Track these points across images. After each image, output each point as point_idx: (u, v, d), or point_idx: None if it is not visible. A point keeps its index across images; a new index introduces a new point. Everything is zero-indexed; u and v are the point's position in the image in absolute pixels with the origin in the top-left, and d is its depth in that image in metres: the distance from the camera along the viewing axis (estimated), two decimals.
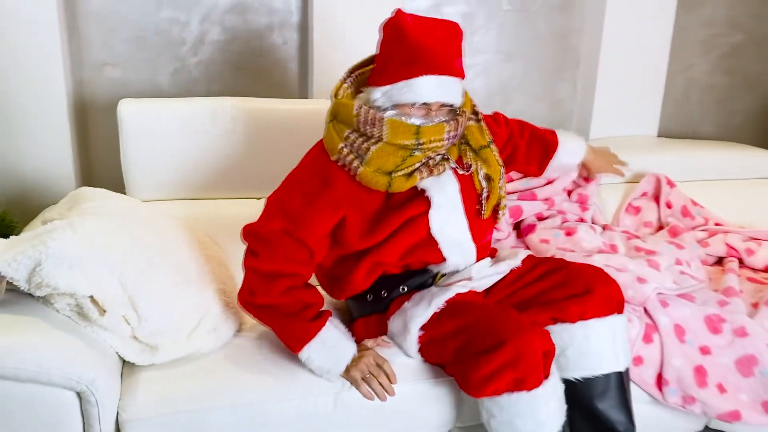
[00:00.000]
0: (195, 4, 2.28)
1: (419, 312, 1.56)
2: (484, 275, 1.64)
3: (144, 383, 1.44)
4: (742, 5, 2.80)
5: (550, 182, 2.17)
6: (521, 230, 2.16)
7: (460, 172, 1.60)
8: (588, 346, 1.57)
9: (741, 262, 2.15)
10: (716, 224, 2.29)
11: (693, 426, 1.84)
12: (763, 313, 1.78)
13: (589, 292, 1.58)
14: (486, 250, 1.75)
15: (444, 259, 1.60)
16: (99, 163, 2.33)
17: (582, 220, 2.20)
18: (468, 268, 1.64)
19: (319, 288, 1.68)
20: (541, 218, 2.19)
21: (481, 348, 1.44)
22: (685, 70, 2.83)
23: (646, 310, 1.78)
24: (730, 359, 1.72)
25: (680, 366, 1.72)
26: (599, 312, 1.58)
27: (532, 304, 1.62)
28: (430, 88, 1.47)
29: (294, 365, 1.54)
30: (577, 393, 1.58)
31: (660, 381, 1.74)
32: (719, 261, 2.18)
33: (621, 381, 1.60)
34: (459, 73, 1.51)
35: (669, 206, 2.30)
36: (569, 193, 2.22)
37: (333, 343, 1.51)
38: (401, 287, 1.65)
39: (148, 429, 1.39)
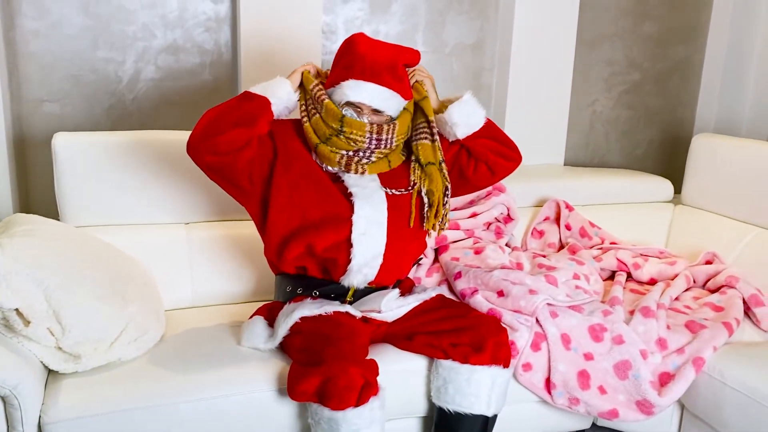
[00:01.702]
0: (130, 45, 2.46)
1: (297, 313, 1.74)
2: (392, 308, 1.82)
3: (66, 388, 1.57)
4: (638, 47, 3.10)
5: (474, 215, 2.38)
6: (438, 251, 2.36)
7: (390, 192, 1.83)
8: (467, 387, 1.75)
9: (630, 275, 2.37)
10: (611, 243, 2.52)
11: (581, 423, 2.04)
12: (637, 319, 1.99)
13: (482, 343, 1.76)
14: (400, 270, 1.93)
15: (350, 261, 1.78)
16: (36, 193, 2.46)
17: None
18: (377, 301, 1.82)
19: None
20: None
21: (308, 360, 1.62)
22: (590, 105, 3.10)
23: (538, 321, 1.98)
24: (609, 364, 1.91)
25: (565, 371, 1.91)
26: (486, 361, 1.76)
27: (430, 336, 1.80)
28: (355, 91, 1.74)
29: (208, 369, 1.68)
30: (446, 422, 1.77)
31: (548, 384, 1.93)
32: (612, 275, 2.40)
33: (485, 424, 1.78)
34: (391, 85, 1.76)
35: (568, 228, 2.53)
36: (488, 225, 2.44)
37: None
38: (314, 291, 1.84)
39: (68, 430, 1.52)
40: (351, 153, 1.78)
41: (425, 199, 1.85)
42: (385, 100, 1.76)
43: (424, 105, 1.87)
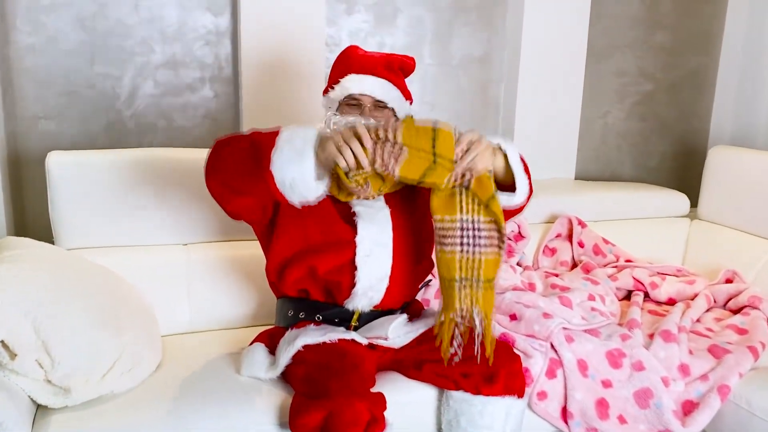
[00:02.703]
0: (128, 59, 2.39)
1: (300, 341, 1.65)
2: (400, 334, 1.74)
3: (55, 424, 1.47)
4: (649, 57, 3.01)
5: None
6: None
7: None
8: (480, 420, 1.64)
9: (647, 295, 2.28)
10: (626, 261, 2.42)
11: None
12: (657, 344, 1.89)
13: (495, 372, 1.65)
14: (407, 292, 1.84)
15: (354, 284, 1.70)
16: (32, 214, 2.39)
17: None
18: (384, 326, 1.72)
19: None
20: None
21: (312, 391, 1.52)
22: (601, 117, 3.01)
23: (553, 346, 1.88)
24: (629, 392, 1.81)
25: (583, 399, 1.81)
26: (499, 392, 1.65)
27: (439, 365, 1.69)
28: (355, 83, 1.68)
29: (205, 402, 1.59)
30: None
31: (565, 414, 1.83)
32: (628, 295, 2.31)
33: None
34: (390, 78, 1.71)
35: (581, 245, 2.43)
36: None
37: (296, 128, 1.51)
38: (317, 315, 1.75)
39: None
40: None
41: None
42: (386, 91, 1.72)
43: (495, 208, 1.50)
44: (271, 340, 1.79)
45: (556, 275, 2.30)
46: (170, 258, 2.08)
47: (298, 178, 1.48)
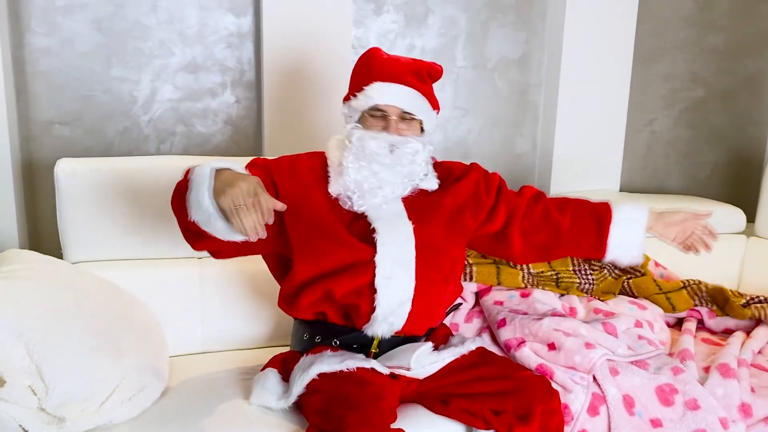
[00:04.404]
0: (146, 63, 2.28)
1: (315, 368, 1.51)
2: (424, 364, 1.59)
3: None
4: (701, 60, 2.81)
5: None
6: (479, 294, 2.08)
7: None
8: None
9: (700, 322, 2.08)
10: None
11: None
12: (714, 379, 1.70)
13: (529, 410, 1.50)
14: (432, 317, 1.69)
15: (374, 308, 1.56)
16: (45, 224, 2.29)
17: None
18: (407, 355, 1.58)
19: None
20: None
21: (327, 425, 1.39)
22: (647, 124, 2.82)
23: (595, 379, 1.71)
24: None
25: None
26: None
27: (468, 400, 1.55)
28: (380, 93, 1.57)
29: None
30: None
31: None
32: (679, 322, 2.11)
33: None
34: (416, 87, 1.60)
35: None
36: None
37: (198, 168, 1.42)
38: (335, 340, 1.62)
39: None
40: None
41: None
42: (413, 100, 1.59)
43: None
44: (284, 366, 1.65)
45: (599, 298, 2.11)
46: (183, 273, 1.96)
47: (202, 222, 1.40)
